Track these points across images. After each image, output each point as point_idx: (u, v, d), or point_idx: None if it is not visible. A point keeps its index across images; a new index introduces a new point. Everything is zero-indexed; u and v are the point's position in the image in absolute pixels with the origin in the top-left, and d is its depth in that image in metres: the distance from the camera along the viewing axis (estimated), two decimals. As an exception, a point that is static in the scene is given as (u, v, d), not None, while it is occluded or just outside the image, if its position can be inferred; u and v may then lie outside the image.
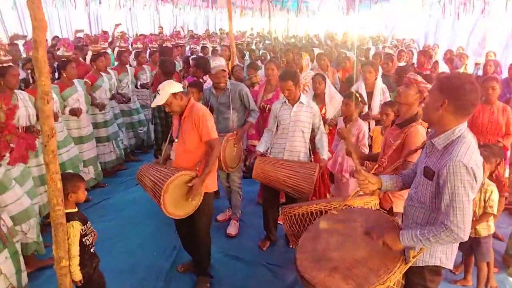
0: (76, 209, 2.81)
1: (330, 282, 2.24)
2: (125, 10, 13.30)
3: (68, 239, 2.62)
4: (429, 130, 2.92)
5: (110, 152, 5.92)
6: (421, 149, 2.38)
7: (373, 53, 8.25)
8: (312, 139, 4.03)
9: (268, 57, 9.19)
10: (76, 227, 2.69)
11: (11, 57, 4.08)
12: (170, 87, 3.21)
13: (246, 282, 3.59)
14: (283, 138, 3.95)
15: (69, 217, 2.68)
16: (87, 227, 2.81)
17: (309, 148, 4.00)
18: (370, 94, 4.97)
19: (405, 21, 18.71)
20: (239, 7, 17.26)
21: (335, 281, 2.23)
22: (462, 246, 3.49)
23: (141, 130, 6.98)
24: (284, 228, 3.35)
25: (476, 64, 8.61)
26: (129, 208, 4.96)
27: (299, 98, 3.90)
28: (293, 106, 3.89)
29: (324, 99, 4.69)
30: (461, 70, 7.91)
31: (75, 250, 2.68)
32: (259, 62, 8.07)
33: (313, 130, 3.98)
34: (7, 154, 2.71)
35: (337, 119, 4.44)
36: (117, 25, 9.52)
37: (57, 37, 10.33)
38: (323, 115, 4.57)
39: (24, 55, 6.87)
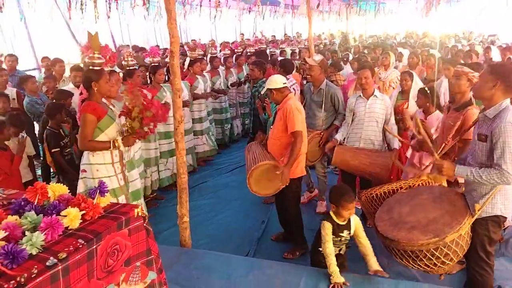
0: None
1: (411, 236, 2.72)
2: (209, 20, 14.47)
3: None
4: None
5: (203, 144, 6.82)
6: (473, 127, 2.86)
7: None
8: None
9: (351, 57, 9.44)
10: (327, 227, 3.02)
11: (136, 62, 5.15)
12: (283, 78, 3.84)
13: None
14: (359, 128, 4.31)
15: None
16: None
17: (383, 138, 4.34)
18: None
19: (490, 16, 17.86)
20: (317, 11, 17.75)
21: (415, 235, 2.72)
22: None
23: (227, 127, 7.78)
24: (364, 209, 3.76)
25: None
26: (222, 190, 5.74)
27: (373, 92, 4.29)
28: (367, 99, 4.28)
29: (409, 95, 4.97)
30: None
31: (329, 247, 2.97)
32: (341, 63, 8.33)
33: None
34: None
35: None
36: None
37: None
38: (405, 109, 4.89)
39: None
